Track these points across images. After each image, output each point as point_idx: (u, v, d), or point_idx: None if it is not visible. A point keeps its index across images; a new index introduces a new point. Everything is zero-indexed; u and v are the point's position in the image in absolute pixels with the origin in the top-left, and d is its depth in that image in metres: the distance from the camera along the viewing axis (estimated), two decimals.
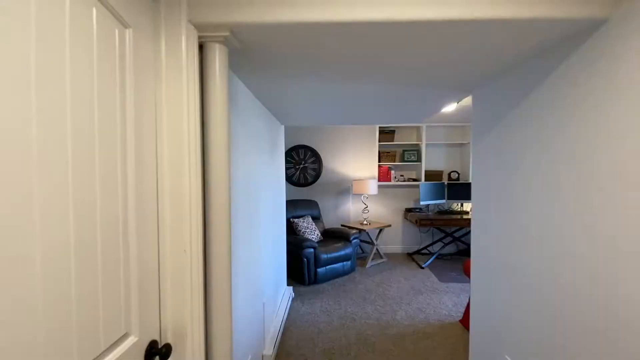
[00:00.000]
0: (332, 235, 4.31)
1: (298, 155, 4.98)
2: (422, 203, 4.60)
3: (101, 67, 0.68)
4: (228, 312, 1.06)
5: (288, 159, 4.95)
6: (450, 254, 4.85)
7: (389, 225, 4.59)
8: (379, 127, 4.86)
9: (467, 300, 3.08)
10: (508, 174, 1.53)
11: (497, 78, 1.59)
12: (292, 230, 4.13)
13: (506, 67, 1.43)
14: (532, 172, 1.36)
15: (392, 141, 4.93)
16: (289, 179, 4.97)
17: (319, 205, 4.75)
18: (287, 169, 4.95)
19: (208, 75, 1.03)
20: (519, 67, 1.40)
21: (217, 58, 1.03)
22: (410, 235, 5.07)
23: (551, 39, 1.12)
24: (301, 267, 3.62)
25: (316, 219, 4.53)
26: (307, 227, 4.09)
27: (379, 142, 4.88)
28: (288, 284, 3.58)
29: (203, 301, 1.02)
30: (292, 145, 4.97)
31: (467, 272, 2.68)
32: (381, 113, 2.68)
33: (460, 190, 4.77)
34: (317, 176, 4.97)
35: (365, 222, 4.56)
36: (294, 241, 3.72)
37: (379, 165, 4.92)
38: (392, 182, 4.90)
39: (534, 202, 1.35)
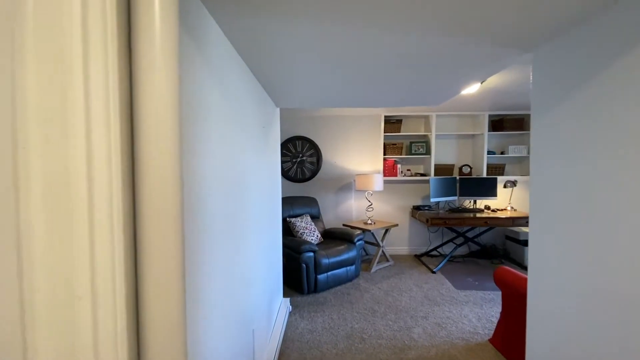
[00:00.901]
0: (333, 236, 3.85)
1: (295, 148, 4.49)
2: (432, 200, 4.16)
3: None
4: None
5: (284, 151, 4.47)
6: (462, 256, 4.43)
7: (396, 225, 4.14)
8: (385, 116, 4.40)
9: (498, 317, 2.65)
10: (594, 163, 1.07)
11: (576, 27, 1.13)
12: (288, 231, 3.66)
13: (593, 9, 0.96)
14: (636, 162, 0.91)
15: (399, 132, 4.46)
16: (284, 174, 4.49)
17: (319, 203, 4.28)
18: (282, 162, 4.46)
19: None
20: (615, 8, 0.94)
21: None
22: (418, 236, 4.63)
23: None
24: (299, 274, 3.15)
25: (315, 218, 4.06)
26: (306, 228, 3.63)
27: (384, 132, 4.41)
28: (284, 294, 3.12)
29: None
30: (288, 136, 4.48)
31: (498, 282, 2.24)
32: (393, 92, 2.21)
33: (473, 185, 4.34)
34: (316, 171, 4.50)
35: (369, 222, 4.10)
36: (291, 244, 3.25)
37: (384, 159, 4.46)
38: (399, 177, 4.45)
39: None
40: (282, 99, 2.37)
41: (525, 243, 4.13)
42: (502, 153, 4.52)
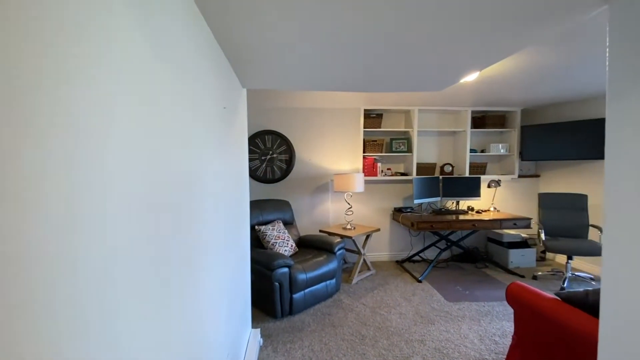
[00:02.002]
0: (309, 245, 3.36)
1: (264, 144, 3.93)
2: (415, 202, 3.83)
3: None
4: None
5: (251, 147, 3.89)
6: (445, 261, 4.16)
7: (378, 230, 3.76)
8: (364, 110, 3.99)
9: (499, 335, 2.33)
10: None
11: None
12: (257, 242, 3.11)
13: None
14: None
15: (379, 127, 4.09)
16: (252, 174, 3.91)
17: (292, 207, 3.77)
18: (250, 160, 3.88)
19: None
20: None
21: None
22: (400, 240, 4.30)
23: None
24: (272, 295, 2.62)
25: (288, 224, 3.54)
26: (278, 237, 3.10)
27: (364, 127, 4.01)
28: (254, 320, 2.57)
29: None
30: (256, 130, 3.91)
31: (512, 301, 1.90)
32: (385, 73, 1.78)
33: (457, 186, 4.09)
34: (288, 170, 3.98)
35: (349, 227, 3.67)
36: (261, 258, 2.70)
37: (364, 157, 4.06)
38: (379, 177, 4.07)
39: None
40: (252, 76, 1.83)
41: (509, 245, 3.96)
42: (482, 151, 4.33)
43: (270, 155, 3.94)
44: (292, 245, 3.17)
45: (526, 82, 2.96)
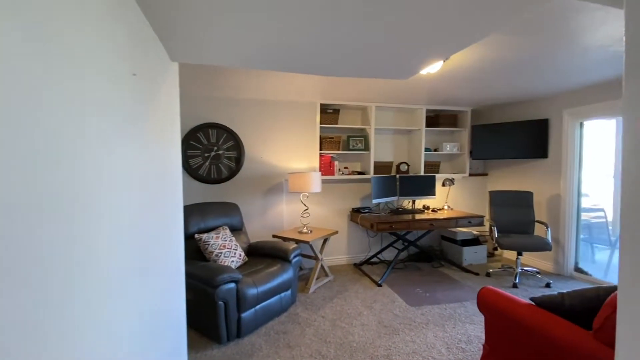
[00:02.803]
0: (261, 253, 2.97)
1: (207, 139, 3.44)
2: (374, 201, 3.66)
3: None
4: None
5: (191, 142, 3.37)
6: (402, 261, 4.08)
7: (336, 232, 3.51)
8: (321, 105, 3.72)
9: (466, 341, 2.20)
10: None
11: None
12: (197, 254, 2.64)
13: None
14: None
15: (336, 123, 3.85)
16: (193, 173, 3.39)
17: (241, 210, 3.34)
18: (190, 157, 3.37)
19: None
20: None
21: None
22: (358, 242, 4.11)
23: None
24: (215, 317, 2.19)
25: (237, 230, 3.11)
26: (224, 246, 2.66)
27: (320, 123, 3.74)
28: (192, 350, 2.12)
29: None
30: (199, 123, 3.40)
31: (484, 308, 1.76)
32: (347, 53, 1.52)
33: (413, 185, 4.02)
34: (236, 169, 3.53)
35: (305, 230, 3.36)
36: (202, 273, 2.26)
37: (321, 154, 3.79)
38: (336, 176, 3.83)
39: None
40: (185, 47, 1.41)
41: (462, 243, 4.01)
42: (435, 150, 4.35)
43: (216, 152, 3.46)
44: (240, 255, 2.75)
45: (476, 82, 2.96)
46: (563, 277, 3.47)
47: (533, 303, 1.58)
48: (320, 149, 3.77)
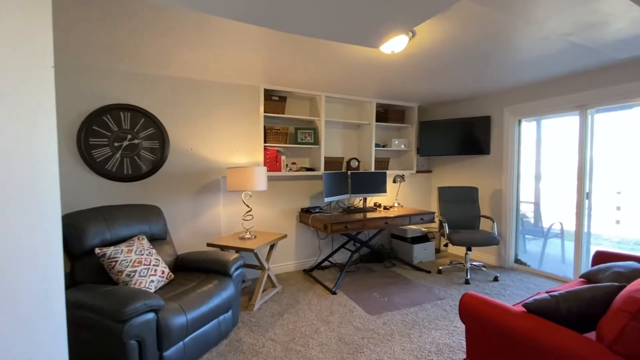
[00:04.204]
0: (193, 268, 2.37)
1: (117, 124, 2.68)
2: (326, 200, 3.32)
3: None
4: None
5: (96, 128, 2.58)
6: (354, 263, 3.82)
7: (285, 236, 3.06)
8: (265, 90, 3.24)
9: (437, 352, 1.97)
10: None
11: None
12: (101, 275, 1.94)
13: None
14: None
15: (283, 113, 3.41)
16: (96, 167, 2.60)
17: (165, 215, 2.67)
18: (96, 147, 2.58)
19: None
20: None
21: None
22: (307, 245, 3.72)
23: None
24: None
25: (159, 239, 2.44)
26: (140, 262, 2.01)
27: (265, 112, 3.25)
28: None
29: None
30: (105, 104, 2.62)
31: (467, 317, 1.52)
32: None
33: (365, 181, 3.80)
34: (159, 163, 2.84)
35: (249, 236, 2.84)
36: (103, 302, 1.61)
37: (265, 147, 3.30)
38: (284, 173, 3.39)
39: None
40: None
41: (412, 240, 3.92)
42: (384, 146, 4.22)
43: (130, 141, 2.72)
44: (163, 272, 2.12)
45: (427, 72, 2.83)
46: (505, 269, 3.60)
47: (525, 310, 1.39)
48: (265, 142, 3.29)
